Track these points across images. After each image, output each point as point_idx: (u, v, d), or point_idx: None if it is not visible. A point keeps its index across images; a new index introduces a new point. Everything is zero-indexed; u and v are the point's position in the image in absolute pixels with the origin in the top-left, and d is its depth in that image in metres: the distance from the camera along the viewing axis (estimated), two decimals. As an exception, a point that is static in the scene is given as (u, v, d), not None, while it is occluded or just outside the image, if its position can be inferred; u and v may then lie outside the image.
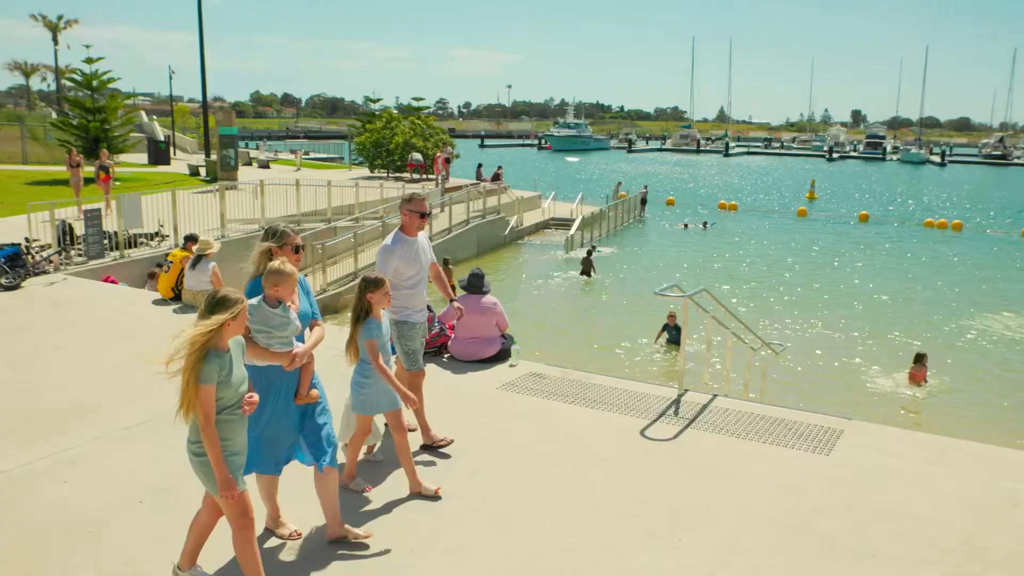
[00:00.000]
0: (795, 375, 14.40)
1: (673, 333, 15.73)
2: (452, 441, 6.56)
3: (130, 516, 5.38)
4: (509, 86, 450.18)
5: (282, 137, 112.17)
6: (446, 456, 6.43)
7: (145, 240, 16.42)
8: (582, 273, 23.24)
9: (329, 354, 9.12)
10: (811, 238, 34.07)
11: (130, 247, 15.74)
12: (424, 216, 6.45)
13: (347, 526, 5.04)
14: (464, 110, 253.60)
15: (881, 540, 5.31)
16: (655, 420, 7.30)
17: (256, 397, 4.37)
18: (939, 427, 11.20)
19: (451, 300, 7.04)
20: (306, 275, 19.59)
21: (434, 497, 5.66)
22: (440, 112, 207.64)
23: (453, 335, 9.00)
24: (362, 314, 5.34)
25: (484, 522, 5.41)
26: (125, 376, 8.27)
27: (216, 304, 4.05)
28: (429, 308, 9.07)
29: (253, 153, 48.72)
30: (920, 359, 14.12)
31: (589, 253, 24.08)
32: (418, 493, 5.69)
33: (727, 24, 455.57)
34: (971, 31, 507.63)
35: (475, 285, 8.91)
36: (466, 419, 7.18)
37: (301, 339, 4.91)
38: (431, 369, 8.64)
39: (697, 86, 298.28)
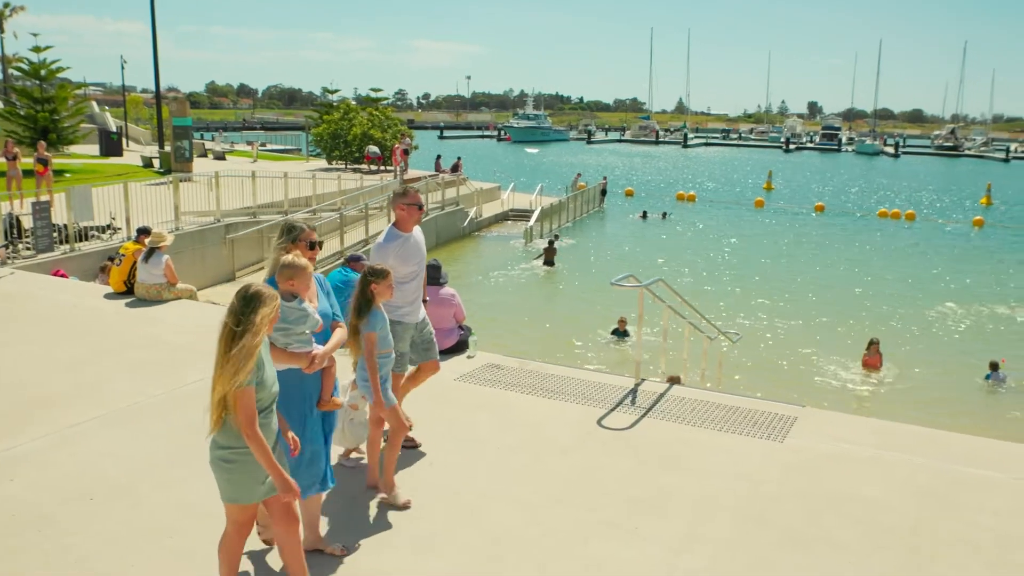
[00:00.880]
0: (751, 364, 14.59)
1: (621, 336, 15.98)
2: (420, 444, 6.44)
3: (81, 513, 5.27)
4: (468, 77, 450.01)
5: (238, 128, 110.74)
6: (404, 447, 6.40)
7: (96, 233, 16.10)
8: (545, 263, 23.39)
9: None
10: (768, 229, 34.54)
11: (81, 240, 15.41)
12: (422, 208, 6.26)
13: (324, 539, 4.89)
14: (423, 101, 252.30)
15: (836, 526, 5.39)
16: (612, 409, 7.34)
17: (299, 443, 4.25)
18: (891, 413, 11.43)
19: (424, 300, 6.92)
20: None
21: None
22: (399, 103, 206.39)
23: (412, 327, 8.95)
24: (364, 305, 5.16)
25: (444, 514, 5.39)
26: (77, 371, 8.10)
27: (250, 300, 3.74)
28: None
29: (208, 144, 47.91)
30: (873, 344, 14.42)
31: (551, 243, 24.22)
32: (375, 487, 5.65)
33: (685, 15, 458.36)
34: (923, 25, 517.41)
35: (432, 276, 8.85)
36: (424, 411, 7.14)
37: (319, 340, 4.70)
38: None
39: (656, 77, 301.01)
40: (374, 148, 35.50)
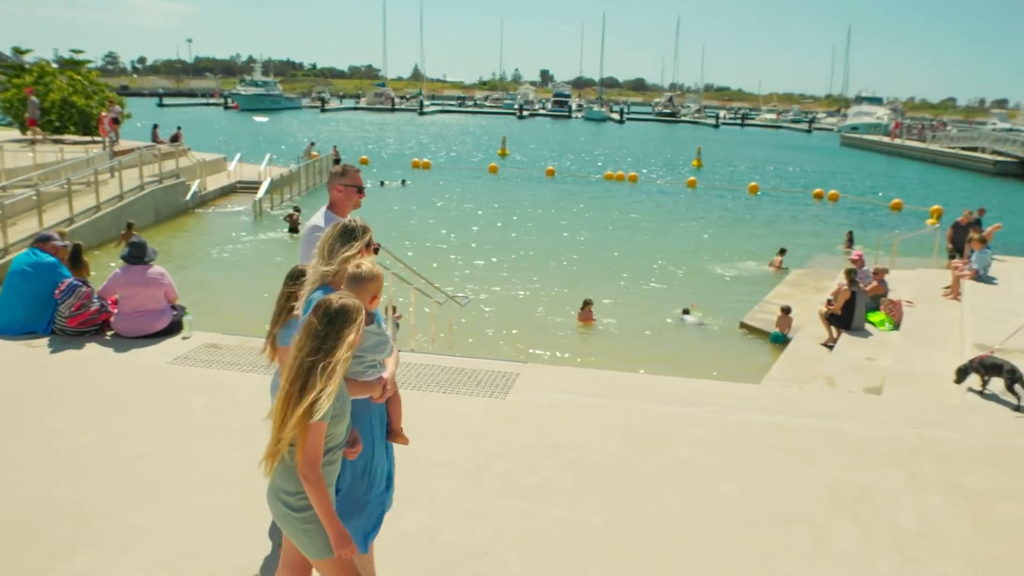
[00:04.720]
0: (479, 326, 14.98)
1: None
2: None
3: None
4: (189, 40, 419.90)
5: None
6: (110, 441, 5.88)
7: None
8: (290, 230, 23.21)
9: None
10: (501, 194, 35.65)
11: None
12: (362, 191, 5.41)
13: None
14: (139, 66, 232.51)
15: (552, 472, 5.68)
16: (338, 381, 7.21)
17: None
18: (604, 363, 12.25)
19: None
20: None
21: None
22: (110, 67, 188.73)
23: (117, 310, 8.24)
24: (285, 311, 4.29)
25: (151, 504, 5.03)
26: None
27: (336, 316, 3.13)
28: (87, 283, 8.26)
29: None
30: (587, 304, 15.41)
31: (296, 209, 24.48)
32: None
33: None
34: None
35: (136, 255, 8.22)
36: (137, 398, 6.66)
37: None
38: (91, 350, 7.89)
39: (390, 44, 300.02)
40: (34, 99, 30.76)
